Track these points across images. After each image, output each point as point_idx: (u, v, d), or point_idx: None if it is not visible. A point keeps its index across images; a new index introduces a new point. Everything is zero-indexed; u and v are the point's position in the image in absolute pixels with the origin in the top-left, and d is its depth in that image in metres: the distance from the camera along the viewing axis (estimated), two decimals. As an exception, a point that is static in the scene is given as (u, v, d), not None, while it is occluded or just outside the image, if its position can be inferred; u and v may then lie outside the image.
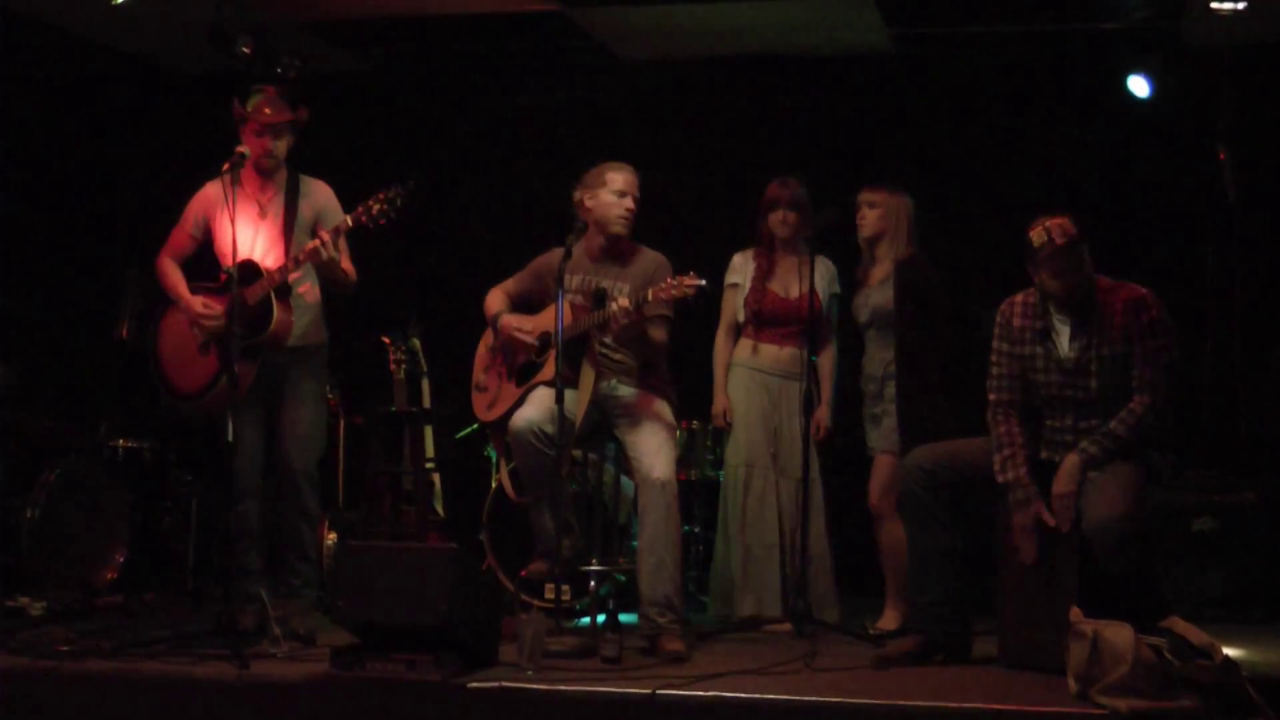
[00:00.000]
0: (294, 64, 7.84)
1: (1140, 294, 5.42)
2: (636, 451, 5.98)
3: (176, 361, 6.26)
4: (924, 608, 5.63)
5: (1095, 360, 5.40)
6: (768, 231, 6.78)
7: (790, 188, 6.74)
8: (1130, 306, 5.38)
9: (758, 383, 6.73)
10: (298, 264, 6.01)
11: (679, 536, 5.98)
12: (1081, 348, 5.41)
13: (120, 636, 5.81)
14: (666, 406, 6.15)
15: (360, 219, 5.92)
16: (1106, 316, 5.39)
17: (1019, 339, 5.54)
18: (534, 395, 6.09)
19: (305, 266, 6.08)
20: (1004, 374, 5.58)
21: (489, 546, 7.23)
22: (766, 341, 6.74)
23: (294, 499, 6.18)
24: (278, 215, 6.18)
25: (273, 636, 5.64)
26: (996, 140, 8.07)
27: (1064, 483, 5.35)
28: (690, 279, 5.67)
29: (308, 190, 6.25)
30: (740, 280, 6.80)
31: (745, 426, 6.73)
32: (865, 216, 6.64)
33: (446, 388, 7.75)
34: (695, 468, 7.40)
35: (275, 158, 6.16)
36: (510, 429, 5.99)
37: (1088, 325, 5.41)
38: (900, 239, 6.59)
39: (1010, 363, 5.56)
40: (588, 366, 6.02)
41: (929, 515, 5.59)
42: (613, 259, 6.21)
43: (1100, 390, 5.40)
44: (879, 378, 6.57)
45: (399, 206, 5.87)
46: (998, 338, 5.61)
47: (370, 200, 5.91)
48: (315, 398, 6.29)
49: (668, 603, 5.83)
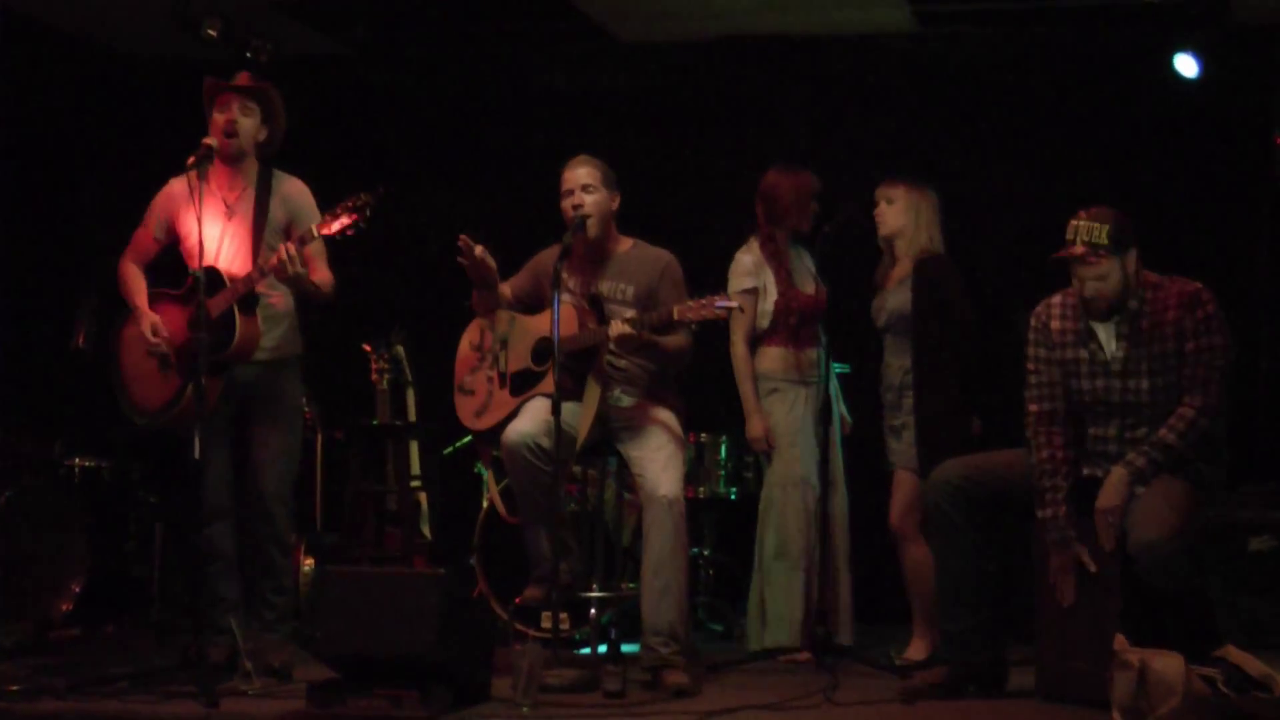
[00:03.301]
0: (265, 47, 7.84)
1: (1193, 289, 5.40)
2: (641, 467, 5.97)
3: (139, 375, 6.22)
4: (954, 636, 5.60)
5: (1146, 359, 5.37)
6: (791, 225, 6.74)
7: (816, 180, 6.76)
8: (1183, 302, 5.36)
9: (801, 397, 6.67)
10: (262, 275, 5.97)
11: (686, 559, 5.96)
12: (1130, 347, 5.39)
13: (77, 674, 5.80)
14: (673, 417, 6.13)
15: (328, 227, 5.89)
16: (1157, 313, 5.37)
17: (1059, 343, 5.52)
18: (529, 406, 6.07)
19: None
20: (1043, 382, 5.55)
21: (480, 571, 7.22)
22: (805, 346, 6.69)
23: (265, 523, 6.15)
24: (246, 215, 6.14)
25: (244, 672, 5.62)
26: (1029, 127, 8.04)
27: (1109, 497, 5.31)
28: (721, 300, 5.67)
29: (281, 188, 6.21)
30: (758, 284, 6.72)
31: (794, 445, 6.65)
32: (883, 213, 6.62)
33: (433, 399, 7.72)
34: (705, 484, 7.39)
35: (238, 136, 6.13)
36: (503, 443, 5.97)
37: (1136, 323, 5.38)
38: (922, 237, 6.56)
39: (1050, 369, 5.53)
40: (594, 382, 6.01)
41: (958, 534, 5.56)
42: (607, 259, 6.20)
43: (1151, 392, 5.37)
44: (897, 386, 6.53)
45: (368, 216, 5.83)
46: (1033, 344, 5.58)
47: (337, 208, 5.86)
48: (288, 413, 6.27)
49: (671, 632, 5.81)
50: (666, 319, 5.78)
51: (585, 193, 6.10)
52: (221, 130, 6.08)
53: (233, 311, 5.96)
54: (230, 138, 6.09)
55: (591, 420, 5.97)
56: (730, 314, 5.76)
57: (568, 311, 5.97)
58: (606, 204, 6.14)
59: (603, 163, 6.19)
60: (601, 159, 6.21)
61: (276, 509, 6.16)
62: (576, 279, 6.19)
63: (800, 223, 6.74)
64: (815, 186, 6.76)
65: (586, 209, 6.07)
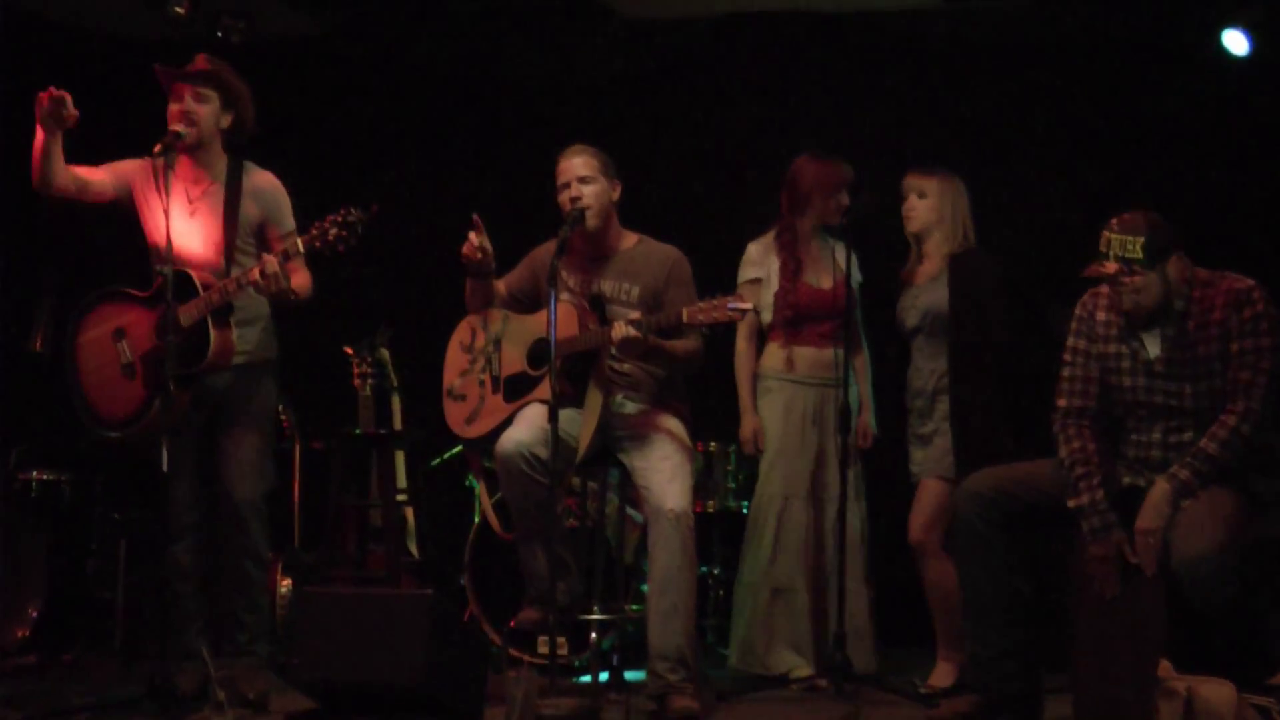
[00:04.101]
0: (237, 26, 7.85)
1: (1244, 286, 5.38)
2: (645, 479, 5.98)
3: (99, 383, 6.21)
4: (984, 662, 5.59)
5: (1190, 361, 5.37)
6: (814, 216, 6.75)
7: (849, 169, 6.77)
8: (1230, 301, 5.35)
9: (795, 397, 6.70)
10: (240, 288, 5.95)
11: (694, 579, 5.96)
12: (1173, 347, 5.39)
13: (34, 705, 5.81)
14: (680, 425, 6.14)
15: (314, 244, 5.87)
16: (1204, 313, 5.37)
17: (1101, 335, 5.51)
18: (525, 413, 6.07)
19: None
20: (1077, 376, 5.55)
21: (472, 592, 7.23)
22: (803, 344, 6.71)
23: (239, 538, 6.15)
24: (214, 213, 6.12)
25: (216, 702, 5.61)
26: (1067, 110, 8.04)
27: (1150, 517, 5.27)
28: (734, 301, 5.66)
29: (252, 183, 6.20)
30: (762, 275, 6.77)
31: (782, 452, 6.69)
32: (914, 207, 6.61)
33: (421, 405, 7.71)
34: (714, 497, 7.40)
35: (196, 125, 6.11)
36: (497, 453, 5.97)
37: (1182, 323, 5.38)
38: (957, 232, 6.56)
39: (1086, 364, 5.53)
40: (595, 387, 6.01)
41: (989, 552, 5.55)
42: (610, 256, 6.21)
43: (1194, 397, 5.37)
44: (929, 392, 6.54)
45: (359, 233, 5.83)
46: (1075, 334, 5.57)
47: (326, 222, 5.84)
48: (262, 419, 6.27)
49: (679, 657, 5.81)
50: (674, 321, 5.78)
51: (583, 184, 6.10)
52: (178, 121, 6.06)
53: (206, 323, 5.95)
54: (189, 126, 6.07)
55: (592, 428, 5.97)
56: (741, 318, 5.76)
57: (567, 311, 5.98)
58: (606, 195, 6.15)
59: (600, 151, 6.20)
60: (600, 147, 6.22)
61: (250, 518, 6.15)
62: (576, 277, 6.20)
63: (824, 214, 6.75)
64: (844, 177, 6.76)
65: (585, 201, 6.08)
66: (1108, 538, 5.35)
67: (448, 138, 8.80)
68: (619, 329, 5.80)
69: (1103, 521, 5.35)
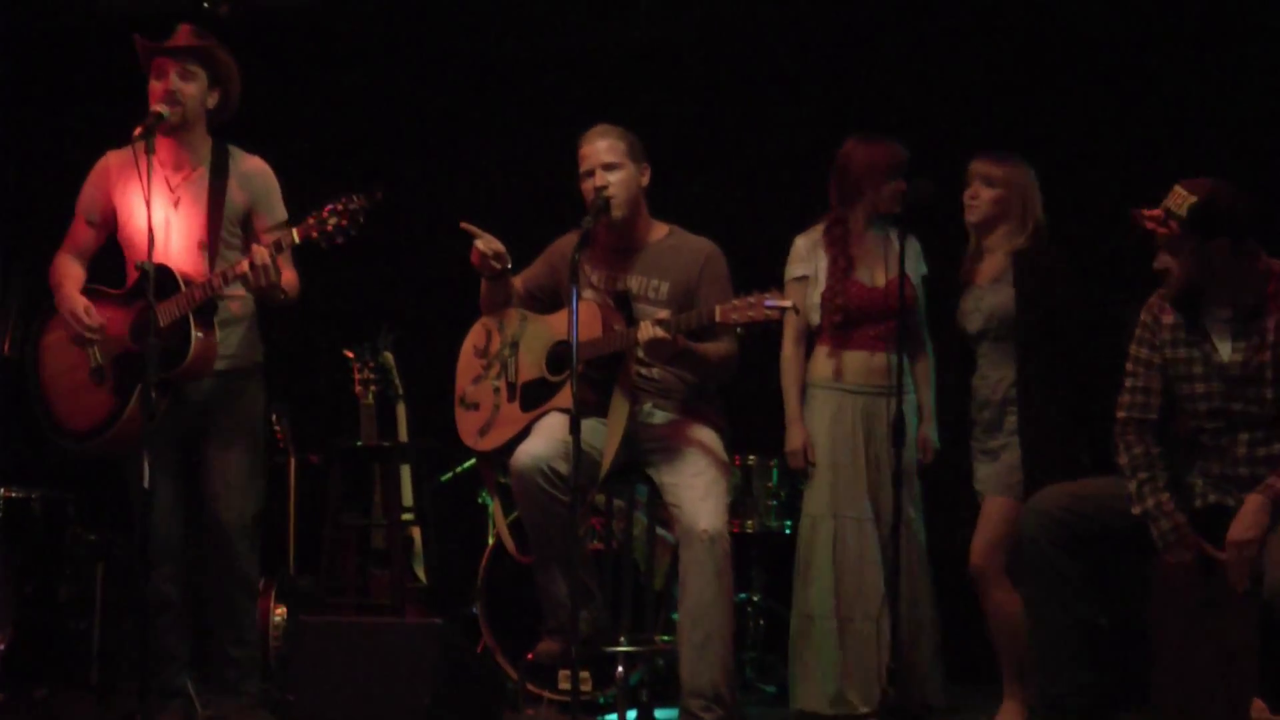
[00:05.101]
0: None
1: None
2: (676, 496, 5.98)
3: (62, 390, 6.23)
4: (1055, 699, 5.59)
5: (1271, 364, 5.35)
6: (867, 205, 6.73)
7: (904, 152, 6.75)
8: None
9: (845, 407, 6.66)
10: (226, 282, 5.96)
11: (731, 607, 5.98)
12: (1248, 349, 5.38)
13: (4, 745, 5.84)
14: (715, 437, 6.14)
15: (310, 234, 5.87)
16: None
17: (1168, 340, 5.50)
18: (544, 423, 6.07)
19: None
20: (1139, 388, 5.55)
21: (485, 622, 7.24)
22: (854, 348, 6.67)
23: (225, 562, 6.16)
24: (198, 201, 6.14)
25: (203, 744, 5.66)
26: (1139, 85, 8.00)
27: (1245, 527, 5.25)
28: (772, 298, 5.63)
29: (239, 169, 6.21)
30: (809, 272, 6.74)
31: (832, 466, 6.66)
32: (978, 196, 6.56)
33: (429, 415, 7.74)
34: (753, 516, 7.39)
35: (181, 105, 6.13)
36: (512, 467, 5.97)
37: (1256, 321, 5.37)
38: (1027, 225, 6.54)
39: (1149, 375, 5.53)
40: (620, 394, 6.01)
41: (1059, 578, 5.54)
42: (637, 249, 6.21)
43: (1277, 403, 5.36)
44: (997, 402, 6.49)
45: (360, 223, 5.83)
46: (1138, 341, 5.58)
47: (325, 211, 5.84)
48: (250, 431, 6.28)
49: (715, 693, 5.82)
50: (707, 321, 5.77)
51: (608, 171, 6.09)
52: (160, 100, 6.08)
53: (187, 322, 5.95)
54: (174, 106, 6.09)
55: (618, 440, 5.97)
56: (780, 316, 5.73)
57: (590, 310, 5.97)
58: (634, 182, 6.14)
59: (628, 132, 6.19)
60: (626, 126, 6.20)
61: (238, 542, 6.16)
62: (600, 272, 6.20)
63: (879, 202, 6.71)
64: (899, 158, 6.72)
65: (610, 190, 6.08)
66: (1181, 539, 5.34)
67: (456, 117, 8.80)
68: (645, 330, 5.79)
69: (1172, 523, 5.35)
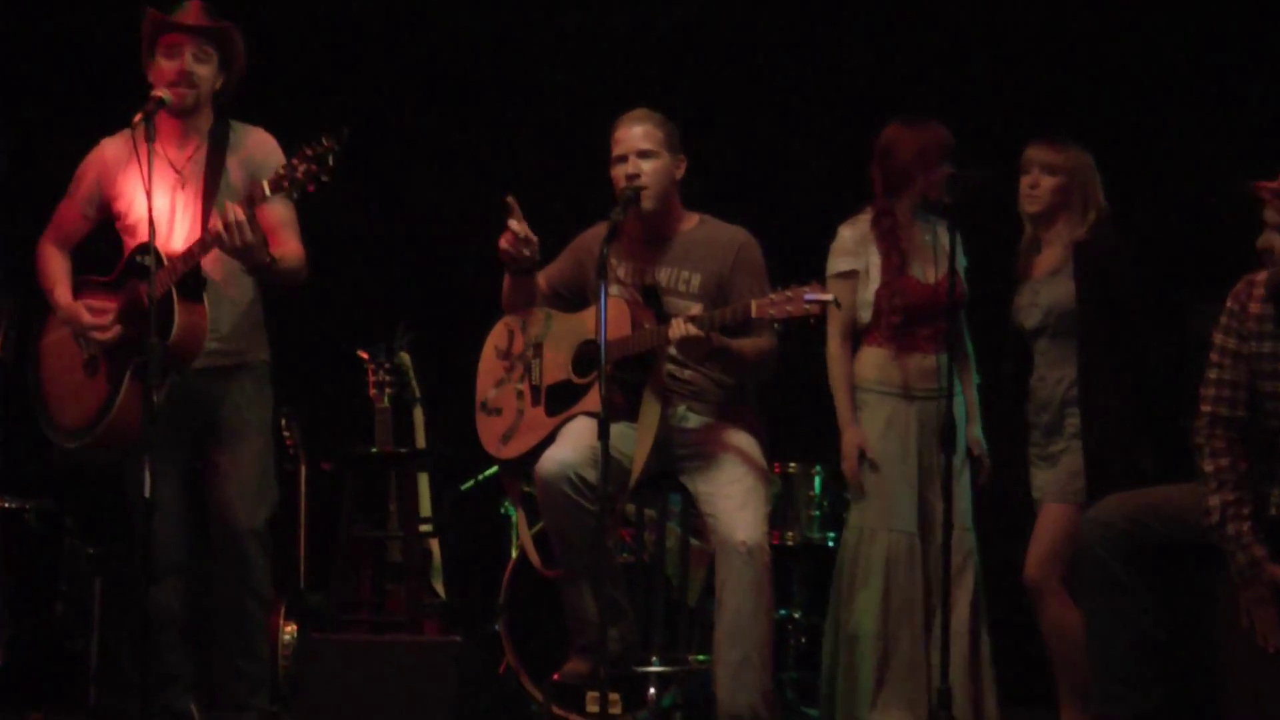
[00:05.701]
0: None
1: None
2: (712, 506, 5.97)
3: (61, 388, 6.23)
4: (1118, 721, 5.60)
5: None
6: (915, 194, 6.70)
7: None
8: None
9: (900, 412, 6.62)
10: (205, 247, 5.91)
11: (770, 624, 5.97)
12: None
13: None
14: (753, 442, 6.13)
15: (280, 184, 5.82)
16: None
17: (1254, 332, 5.46)
18: (570, 428, 6.07)
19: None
20: (1225, 381, 5.50)
21: (508, 640, 7.24)
22: (910, 350, 6.65)
23: (238, 571, 6.14)
24: (199, 180, 6.16)
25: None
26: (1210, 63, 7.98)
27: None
28: (812, 292, 5.60)
29: (242, 142, 6.21)
30: (859, 266, 6.68)
31: (885, 477, 6.64)
32: (1038, 184, 6.53)
33: (448, 420, 7.74)
34: (794, 527, 7.38)
35: (196, 87, 6.13)
36: (537, 474, 5.97)
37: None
38: (1089, 217, 6.51)
39: (1236, 367, 5.48)
40: (652, 397, 5.99)
41: (1120, 592, 5.54)
42: (668, 240, 6.20)
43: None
44: (1056, 403, 6.47)
45: (329, 166, 5.79)
46: (1223, 331, 5.52)
47: (294, 159, 5.80)
48: (258, 431, 6.27)
49: (753, 716, 5.82)
50: (742, 316, 5.75)
51: (642, 159, 6.07)
52: (172, 81, 6.08)
53: (170, 296, 5.90)
54: (189, 89, 6.10)
55: (649, 446, 5.95)
56: (825, 309, 5.71)
57: (618, 308, 5.96)
58: (669, 173, 6.12)
59: (666, 120, 6.16)
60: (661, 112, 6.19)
61: (252, 549, 6.13)
62: (627, 265, 6.18)
63: (927, 189, 6.68)
64: (946, 141, 6.70)
65: (643, 180, 6.06)
66: (1258, 576, 5.32)
67: (476, 99, 8.80)
68: (678, 327, 5.77)
69: (1249, 558, 5.32)
